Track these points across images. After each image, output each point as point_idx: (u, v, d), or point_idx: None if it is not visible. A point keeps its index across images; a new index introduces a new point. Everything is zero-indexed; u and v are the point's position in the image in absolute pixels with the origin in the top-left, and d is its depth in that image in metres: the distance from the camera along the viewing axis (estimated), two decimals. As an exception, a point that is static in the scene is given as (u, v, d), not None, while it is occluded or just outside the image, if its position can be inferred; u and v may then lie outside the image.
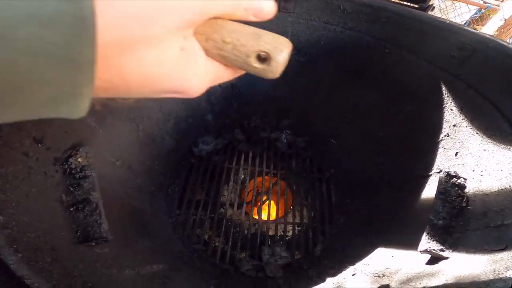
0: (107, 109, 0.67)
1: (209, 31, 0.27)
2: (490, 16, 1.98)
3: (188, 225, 0.84)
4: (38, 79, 0.17)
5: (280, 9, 0.86)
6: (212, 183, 0.94)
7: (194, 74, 0.26)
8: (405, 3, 0.85)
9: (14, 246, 0.39)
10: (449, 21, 0.72)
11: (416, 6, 0.82)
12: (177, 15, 0.22)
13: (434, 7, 0.88)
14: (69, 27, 0.16)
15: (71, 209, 0.51)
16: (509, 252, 0.42)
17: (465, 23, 2.94)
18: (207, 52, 0.28)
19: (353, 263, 0.67)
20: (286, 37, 0.66)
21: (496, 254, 0.44)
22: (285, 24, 0.88)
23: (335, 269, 0.68)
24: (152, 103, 0.82)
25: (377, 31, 0.81)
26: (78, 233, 0.49)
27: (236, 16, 0.27)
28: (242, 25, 0.28)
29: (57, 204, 0.50)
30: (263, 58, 0.28)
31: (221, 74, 0.29)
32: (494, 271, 0.41)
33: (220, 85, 0.98)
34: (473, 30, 0.67)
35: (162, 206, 0.84)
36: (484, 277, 0.41)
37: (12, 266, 0.37)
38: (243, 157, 1.01)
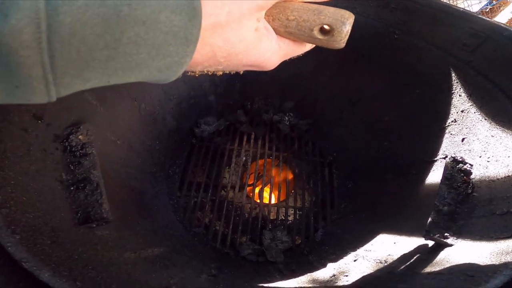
0: (108, 87, 0.66)
1: (274, 12, 0.32)
2: (501, 8, 1.96)
3: (189, 208, 0.84)
4: (165, 51, 0.24)
5: None
6: (214, 164, 0.94)
7: (267, 50, 0.32)
8: None
9: (12, 227, 0.38)
10: (463, 8, 0.72)
11: None
12: (251, 2, 0.28)
13: None
14: (187, 14, 0.23)
15: (71, 188, 0.50)
16: None
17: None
18: (276, 31, 0.33)
19: (354, 249, 0.68)
20: None
21: (502, 241, 0.44)
22: None
23: (336, 255, 0.69)
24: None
25: (387, 16, 0.81)
26: (79, 214, 0.48)
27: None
28: (304, 3, 0.32)
29: (57, 183, 0.49)
30: (326, 31, 0.32)
31: (291, 49, 0.35)
32: (501, 258, 0.40)
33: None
34: (487, 18, 0.68)
35: (163, 187, 0.84)
36: (490, 265, 0.41)
37: (9, 248, 0.36)
38: (245, 138, 1.00)
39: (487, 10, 2.01)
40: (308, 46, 0.36)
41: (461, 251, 0.48)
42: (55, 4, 0.19)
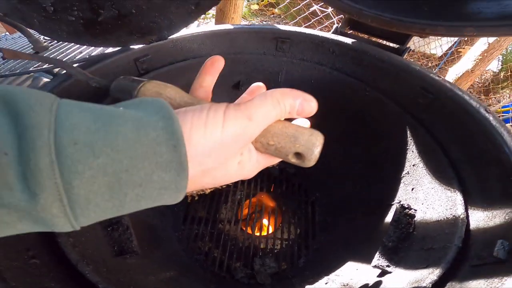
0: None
1: (257, 136, 0.36)
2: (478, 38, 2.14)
3: (191, 239, 0.99)
4: (161, 199, 0.30)
5: (276, 48, 1.00)
6: (213, 202, 1.10)
7: (248, 170, 0.39)
8: (387, 43, 0.94)
9: (85, 261, 0.53)
10: (420, 67, 0.82)
11: (395, 46, 0.92)
12: (235, 149, 0.34)
13: (411, 50, 1.02)
14: (176, 170, 0.29)
15: (108, 229, 0.67)
16: (427, 269, 0.55)
17: (454, 43, 3.12)
18: (257, 149, 0.38)
19: (328, 274, 0.79)
20: (281, 75, 0.84)
21: (420, 271, 0.57)
22: (280, 64, 1.02)
23: (314, 278, 0.81)
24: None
25: (360, 73, 0.93)
26: (115, 248, 0.66)
27: (283, 118, 0.37)
28: (285, 126, 0.37)
29: (98, 225, 0.66)
30: (299, 154, 0.37)
31: (268, 162, 0.41)
32: (413, 285, 0.55)
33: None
34: (437, 78, 0.77)
35: (170, 222, 0.99)
36: (403, 289, 0.57)
37: (88, 275, 0.51)
38: (240, 180, 1.11)
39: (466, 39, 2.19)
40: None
41: (396, 278, 0.62)
42: (68, 178, 0.24)
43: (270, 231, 1.08)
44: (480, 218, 0.61)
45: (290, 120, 0.39)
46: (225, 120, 0.32)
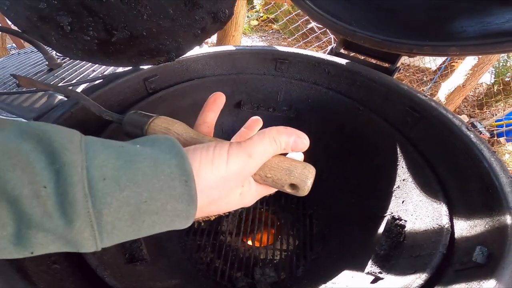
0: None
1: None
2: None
3: (194, 249, 1.02)
4: (173, 225, 0.34)
5: (276, 69, 1.06)
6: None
7: (248, 200, 0.44)
8: (378, 63, 1.00)
9: (103, 266, 0.57)
10: (407, 86, 0.87)
11: (386, 65, 0.98)
12: (237, 182, 0.39)
13: (400, 69, 1.06)
14: (187, 201, 0.33)
15: None
16: (415, 275, 0.59)
17: (447, 57, 3.18)
18: (255, 180, 0.43)
19: (325, 282, 0.81)
20: (280, 94, 0.90)
21: (408, 276, 0.60)
22: (279, 84, 1.08)
23: (312, 287, 0.83)
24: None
25: (354, 93, 0.99)
26: (126, 255, 0.70)
27: (279, 153, 0.42)
28: (280, 160, 0.42)
29: None
30: (294, 185, 0.41)
31: (265, 192, 0.46)
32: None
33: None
34: (424, 97, 0.81)
35: (174, 233, 0.95)
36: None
37: (106, 279, 0.55)
38: None
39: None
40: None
41: (387, 283, 0.65)
42: (99, 208, 0.29)
43: (270, 242, 1.11)
44: (463, 227, 0.65)
45: (285, 154, 0.44)
46: (229, 158, 0.37)
